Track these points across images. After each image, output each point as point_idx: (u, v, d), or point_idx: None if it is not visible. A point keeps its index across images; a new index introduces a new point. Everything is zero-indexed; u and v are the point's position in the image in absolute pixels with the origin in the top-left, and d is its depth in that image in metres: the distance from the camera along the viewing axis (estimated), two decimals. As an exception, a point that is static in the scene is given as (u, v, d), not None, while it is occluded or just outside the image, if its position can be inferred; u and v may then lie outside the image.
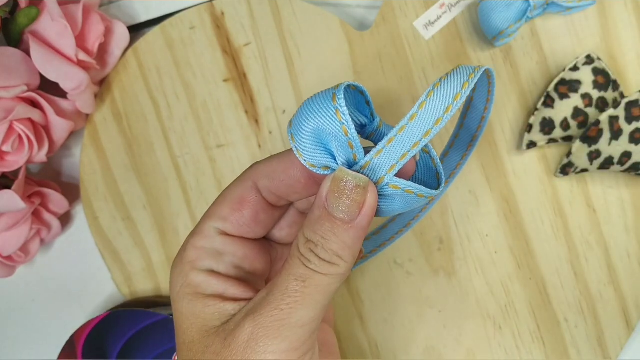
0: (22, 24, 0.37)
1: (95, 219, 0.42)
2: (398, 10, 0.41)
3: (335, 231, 0.23)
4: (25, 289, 0.44)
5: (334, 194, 0.23)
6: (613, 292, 0.40)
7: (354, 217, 0.23)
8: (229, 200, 0.26)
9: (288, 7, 0.41)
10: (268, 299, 0.23)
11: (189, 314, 0.25)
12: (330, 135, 0.23)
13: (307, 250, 0.23)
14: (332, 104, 0.22)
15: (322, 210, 0.23)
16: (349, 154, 0.23)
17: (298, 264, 0.23)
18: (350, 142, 0.23)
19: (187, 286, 0.25)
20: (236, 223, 0.26)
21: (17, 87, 0.36)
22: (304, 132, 0.23)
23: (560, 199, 0.40)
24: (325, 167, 0.24)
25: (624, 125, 0.37)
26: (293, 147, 0.23)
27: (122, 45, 0.41)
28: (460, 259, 0.40)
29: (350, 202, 0.23)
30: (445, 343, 0.40)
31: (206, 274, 0.25)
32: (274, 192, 0.26)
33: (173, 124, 0.41)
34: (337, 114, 0.22)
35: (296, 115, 0.23)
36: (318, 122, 0.23)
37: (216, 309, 0.25)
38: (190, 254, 0.26)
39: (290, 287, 0.23)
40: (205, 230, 0.26)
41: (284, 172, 0.25)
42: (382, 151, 0.23)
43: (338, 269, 0.23)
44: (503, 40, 0.39)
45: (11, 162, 0.38)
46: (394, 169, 0.23)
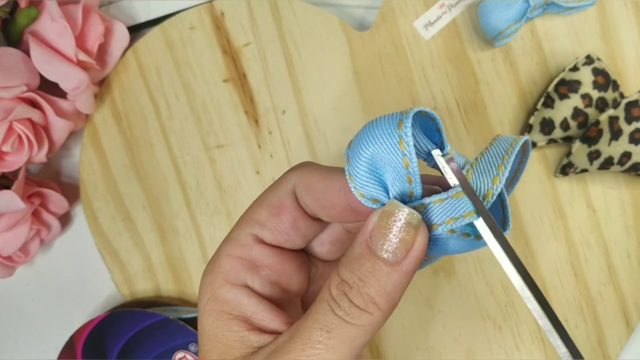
0: (22, 24, 0.37)
1: (94, 219, 0.42)
2: (398, 10, 0.41)
3: (375, 273, 0.20)
4: (24, 289, 0.44)
5: (380, 230, 0.20)
6: (613, 292, 0.40)
7: (400, 259, 0.20)
8: (267, 204, 0.24)
9: (288, 7, 0.41)
10: (289, 347, 0.21)
11: (212, 336, 0.23)
12: (389, 165, 0.21)
13: (340, 292, 0.20)
14: (397, 131, 0.20)
15: (364, 247, 0.20)
16: (405, 189, 0.21)
17: (326, 309, 0.21)
18: (409, 176, 0.20)
19: (215, 301, 0.23)
20: (275, 230, 0.24)
21: (16, 87, 0.36)
22: (361, 157, 0.21)
23: (560, 199, 0.40)
24: (374, 200, 0.21)
25: (623, 126, 0.37)
26: (346, 170, 0.21)
27: (121, 46, 0.41)
28: (460, 259, 0.40)
29: (398, 242, 0.20)
30: (445, 343, 0.40)
31: (239, 289, 0.23)
32: (308, 204, 0.24)
33: (173, 124, 0.41)
34: (401, 143, 0.20)
35: (356, 137, 0.21)
36: (378, 148, 0.20)
37: (239, 337, 0.22)
38: (224, 263, 0.23)
39: (313, 337, 0.20)
40: (242, 237, 0.24)
41: (321, 192, 0.23)
42: (445, 201, 0.20)
43: (370, 319, 0.20)
44: (503, 40, 0.39)
45: (11, 163, 0.38)
46: (453, 222, 0.20)
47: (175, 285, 0.41)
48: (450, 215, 0.20)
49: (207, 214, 0.41)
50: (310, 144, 0.41)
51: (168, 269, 0.41)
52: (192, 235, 0.41)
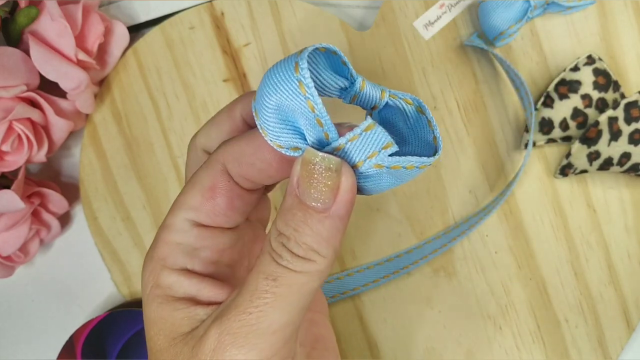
0: (22, 23, 0.37)
1: (94, 219, 0.42)
2: (398, 10, 0.41)
3: (308, 222, 0.20)
4: (24, 289, 0.44)
5: (305, 179, 0.20)
6: (613, 292, 0.40)
7: (329, 205, 0.20)
8: (199, 188, 0.23)
9: (288, 7, 0.41)
10: (236, 301, 0.21)
11: (157, 318, 0.22)
12: (297, 111, 0.20)
13: (279, 244, 0.20)
14: (295, 74, 0.19)
15: (294, 198, 0.20)
16: (320, 133, 0.20)
17: (269, 260, 0.20)
18: (318, 119, 0.19)
19: (157, 287, 0.23)
20: (210, 213, 0.23)
21: (16, 87, 0.36)
22: (267, 108, 0.20)
23: (561, 199, 0.40)
24: (294, 148, 0.20)
25: (623, 126, 0.37)
26: (257, 125, 0.20)
27: (121, 46, 0.41)
28: (460, 259, 0.40)
29: (323, 188, 0.20)
30: (445, 343, 0.40)
31: (178, 273, 0.23)
32: (245, 176, 0.23)
33: (173, 124, 0.41)
34: (301, 87, 0.19)
35: (260, 86, 0.20)
36: (280, 97, 0.19)
37: (186, 313, 0.22)
38: (161, 250, 0.23)
39: (260, 287, 0.20)
40: (177, 223, 0.23)
41: (254, 155, 0.22)
42: (359, 137, 0.20)
43: (314, 266, 0.20)
44: (504, 40, 0.39)
45: (10, 162, 0.38)
46: (375, 156, 0.20)
47: (175, 286, 0.41)
48: (370, 149, 0.20)
49: (207, 214, 0.41)
50: (310, 144, 0.41)
51: (168, 269, 0.41)
52: (192, 235, 0.41)
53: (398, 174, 0.21)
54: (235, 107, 0.24)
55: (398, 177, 0.21)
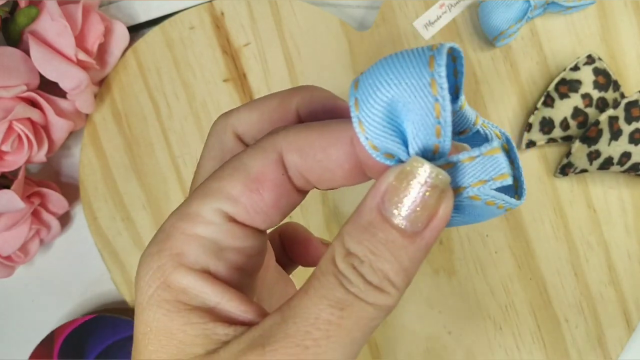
0: (22, 23, 0.37)
1: (94, 219, 0.42)
2: (398, 10, 0.41)
3: (390, 245, 0.16)
4: (24, 289, 0.44)
5: (397, 192, 0.16)
6: (614, 292, 0.40)
7: (420, 229, 0.16)
8: (244, 176, 0.18)
9: (288, 7, 0.41)
10: (287, 330, 0.17)
11: (162, 330, 0.18)
12: (414, 112, 0.17)
13: (348, 266, 0.16)
14: (428, 70, 0.16)
15: (375, 214, 0.17)
16: (430, 143, 0.17)
17: (334, 284, 0.16)
18: (439, 127, 0.16)
19: (166, 289, 0.18)
20: (251, 208, 0.18)
21: (16, 87, 0.36)
22: (378, 100, 0.17)
23: (561, 199, 0.40)
24: (389, 154, 0.17)
25: (623, 126, 0.37)
26: (354, 117, 0.17)
27: (121, 45, 0.41)
28: (461, 259, 0.40)
29: (419, 208, 0.16)
30: (445, 343, 0.40)
31: (198, 275, 0.18)
32: (303, 173, 0.19)
33: (173, 124, 0.41)
34: (433, 86, 0.16)
35: (369, 74, 0.17)
36: (402, 91, 0.16)
37: (202, 329, 0.18)
38: (178, 243, 0.18)
39: (323, 316, 0.16)
40: (206, 213, 0.18)
41: (324, 151, 0.18)
42: (476, 159, 0.17)
43: (387, 300, 0.17)
44: (504, 40, 0.39)
45: (10, 162, 0.38)
46: (482, 185, 0.17)
47: (175, 285, 0.41)
48: (481, 176, 0.17)
49: (207, 214, 0.41)
50: (310, 144, 0.41)
51: (168, 269, 0.41)
52: (192, 235, 0.41)
53: (485, 211, 0.18)
54: (292, 97, 0.21)
55: (482, 214, 0.18)
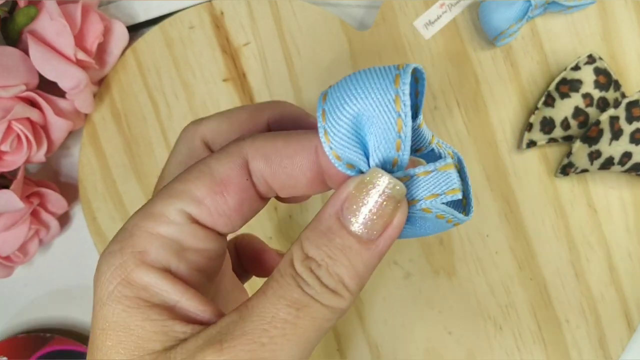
0: (21, 23, 0.37)
1: (94, 219, 0.42)
2: (398, 10, 0.40)
3: (346, 251, 0.17)
4: (23, 289, 0.44)
5: (355, 201, 0.17)
6: (614, 292, 0.40)
7: (375, 237, 0.18)
8: (209, 178, 0.19)
9: (288, 7, 0.41)
10: (244, 327, 0.17)
11: (121, 326, 0.18)
12: (377, 126, 0.18)
13: (306, 269, 0.17)
14: (393, 87, 0.17)
15: (334, 221, 0.18)
16: (390, 157, 0.18)
17: (292, 285, 0.17)
18: (399, 141, 0.18)
19: (127, 286, 0.18)
20: (215, 210, 0.19)
21: (15, 87, 0.36)
22: (344, 113, 0.18)
23: (561, 199, 0.40)
24: (350, 165, 0.18)
25: (624, 126, 0.37)
26: (320, 127, 0.18)
27: (121, 45, 0.41)
28: (461, 259, 0.40)
29: (375, 217, 0.17)
30: (445, 344, 0.40)
31: (160, 273, 0.18)
32: (267, 180, 0.20)
33: (172, 123, 0.41)
34: (397, 102, 0.17)
35: (337, 87, 0.18)
36: (368, 105, 0.18)
37: (160, 326, 0.18)
38: (141, 241, 0.19)
39: (280, 315, 0.17)
40: (170, 213, 0.19)
41: (289, 158, 0.19)
42: (430, 174, 0.18)
43: (341, 302, 0.18)
44: (504, 40, 0.39)
45: (10, 162, 0.37)
46: (435, 198, 0.18)
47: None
48: (434, 190, 0.18)
49: (207, 214, 0.41)
50: (310, 144, 0.41)
51: (167, 269, 0.41)
52: (192, 235, 0.41)
53: (435, 224, 0.19)
54: (264, 110, 0.22)
55: (433, 227, 0.19)
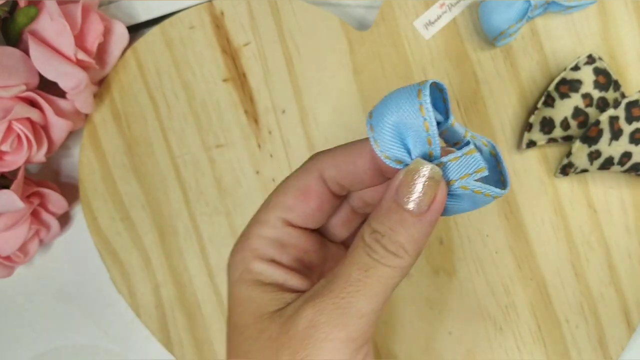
0: (21, 23, 0.37)
1: (94, 219, 0.42)
2: (398, 10, 0.40)
3: (403, 223, 0.23)
4: (23, 290, 0.44)
5: (406, 185, 0.23)
6: (614, 292, 0.40)
7: (424, 210, 0.23)
8: (294, 190, 0.26)
9: (288, 7, 0.41)
10: (330, 287, 0.23)
11: (245, 298, 0.25)
12: (411, 129, 0.23)
13: (373, 240, 0.23)
14: (417, 99, 0.23)
15: (392, 202, 0.23)
16: (426, 151, 0.23)
17: (362, 253, 0.23)
18: (429, 138, 0.23)
19: (248, 272, 0.25)
20: (302, 213, 0.26)
21: (15, 87, 0.36)
22: (386, 123, 0.23)
23: (561, 199, 0.40)
24: (398, 160, 0.24)
25: (624, 126, 0.37)
26: (371, 137, 0.24)
27: (121, 45, 0.41)
28: (461, 259, 0.40)
29: (422, 195, 0.23)
30: (445, 344, 0.40)
31: (268, 263, 0.26)
32: (339, 182, 0.26)
33: (172, 123, 0.41)
34: (421, 110, 0.23)
35: (378, 107, 0.24)
36: (401, 115, 0.23)
37: (273, 295, 0.25)
38: (253, 242, 0.26)
39: (353, 276, 0.23)
40: (271, 220, 0.26)
41: (352, 163, 0.26)
42: (460, 159, 0.23)
43: (402, 262, 0.23)
44: (504, 40, 0.39)
45: (10, 162, 0.37)
46: (467, 177, 0.23)
47: (174, 286, 0.41)
48: (465, 171, 0.23)
49: (207, 214, 0.41)
50: (310, 144, 0.41)
51: (167, 269, 0.41)
52: (192, 235, 0.41)
53: (476, 199, 0.24)
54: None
55: (475, 202, 0.24)
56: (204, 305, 0.41)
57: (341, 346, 0.23)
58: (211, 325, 0.41)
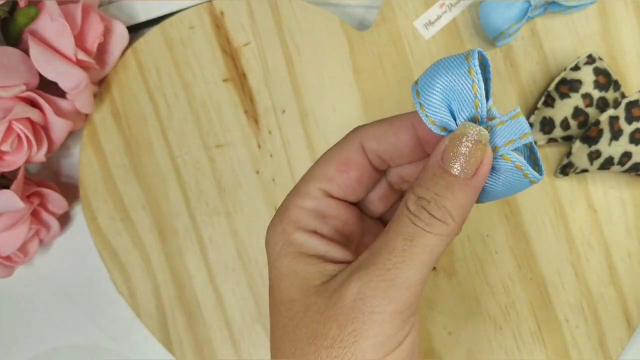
0: (21, 23, 0.37)
1: (94, 219, 0.42)
2: (398, 10, 0.40)
3: (450, 188, 0.22)
4: (24, 290, 0.44)
5: (452, 150, 0.22)
6: (614, 292, 0.40)
7: (470, 175, 0.22)
8: (335, 161, 0.26)
9: (288, 7, 0.41)
10: (374, 259, 0.23)
11: (290, 272, 0.25)
12: (458, 93, 0.23)
13: (419, 207, 0.23)
14: (466, 62, 0.23)
15: (437, 168, 0.23)
16: (472, 114, 0.23)
17: (407, 222, 0.23)
18: (477, 101, 0.23)
19: (290, 245, 0.25)
20: (342, 185, 0.26)
21: (16, 87, 0.36)
22: (434, 87, 0.23)
23: (561, 199, 0.40)
24: (443, 127, 0.24)
25: (624, 126, 0.37)
26: (417, 103, 0.24)
27: (121, 45, 0.41)
28: (461, 259, 0.40)
29: (469, 159, 0.22)
30: (445, 344, 0.40)
31: (309, 234, 0.25)
32: (380, 154, 0.26)
33: (172, 124, 0.41)
34: (470, 72, 0.22)
35: (426, 73, 0.24)
36: (450, 79, 0.23)
37: (317, 268, 0.24)
38: (294, 213, 0.26)
39: (398, 246, 0.22)
40: (311, 191, 0.26)
41: (394, 135, 0.25)
42: (505, 123, 0.23)
43: (447, 229, 0.23)
44: (504, 40, 0.39)
45: (10, 162, 0.38)
46: (512, 144, 0.23)
47: (175, 286, 0.41)
48: (510, 137, 0.23)
49: (207, 214, 0.41)
50: (310, 144, 0.41)
51: (167, 269, 0.41)
52: (192, 235, 0.41)
53: (514, 179, 0.24)
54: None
55: (511, 182, 0.24)
56: (204, 305, 0.41)
57: (389, 319, 0.22)
58: (211, 325, 0.41)
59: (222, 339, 0.41)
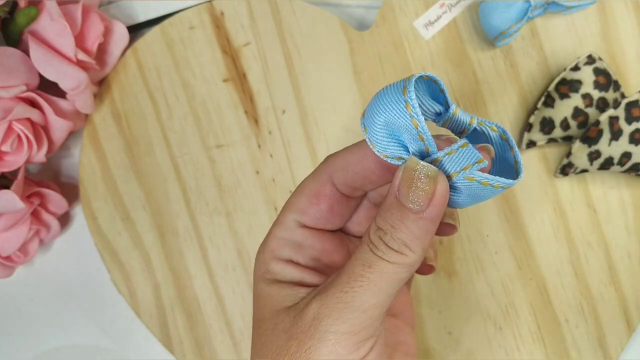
0: (22, 23, 0.37)
1: (94, 219, 0.42)
2: (398, 10, 0.40)
3: (404, 220, 0.23)
4: (24, 290, 0.44)
5: (405, 183, 0.23)
6: (614, 292, 0.40)
7: (424, 207, 0.23)
8: (306, 194, 0.27)
9: (288, 7, 0.41)
10: (335, 282, 0.24)
11: (265, 294, 0.26)
12: (402, 127, 0.23)
13: (377, 237, 0.23)
14: (402, 96, 0.22)
15: (393, 199, 0.23)
16: (421, 146, 0.23)
17: (366, 249, 0.24)
18: (420, 134, 0.23)
19: (267, 272, 0.27)
20: (314, 216, 0.27)
21: (16, 87, 0.36)
22: (376, 124, 0.23)
23: (561, 199, 0.40)
24: (398, 157, 0.24)
25: (623, 126, 0.37)
26: (366, 138, 0.24)
27: (121, 45, 0.41)
28: (461, 259, 0.40)
29: (420, 192, 0.23)
30: (445, 344, 0.40)
31: (285, 263, 0.27)
32: (349, 184, 0.27)
33: (172, 124, 0.41)
34: (407, 107, 0.22)
35: (368, 107, 0.24)
36: (388, 115, 0.23)
37: (289, 291, 0.26)
38: (272, 243, 0.27)
39: (356, 271, 0.23)
40: (286, 222, 0.27)
41: (358, 164, 0.26)
42: (456, 152, 0.23)
43: (405, 259, 0.23)
44: (504, 40, 0.39)
45: (10, 162, 0.38)
46: (469, 169, 0.23)
47: (175, 286, 0.41)
48: (465, 163, 0.23)
49: (207, 214, 0.41)
50: (310, 144, 0.41)
51: (167, 269, 0.41)
52: (192, 235, 0.41)
53: (485, 191, 0.23)
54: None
55: (484, 194, 0.24)
56: (204, 305, 0.41)
57: (343, 339, 0.23)
58: (211, 325, 0.41)
59: (222, 339, 0.41)
